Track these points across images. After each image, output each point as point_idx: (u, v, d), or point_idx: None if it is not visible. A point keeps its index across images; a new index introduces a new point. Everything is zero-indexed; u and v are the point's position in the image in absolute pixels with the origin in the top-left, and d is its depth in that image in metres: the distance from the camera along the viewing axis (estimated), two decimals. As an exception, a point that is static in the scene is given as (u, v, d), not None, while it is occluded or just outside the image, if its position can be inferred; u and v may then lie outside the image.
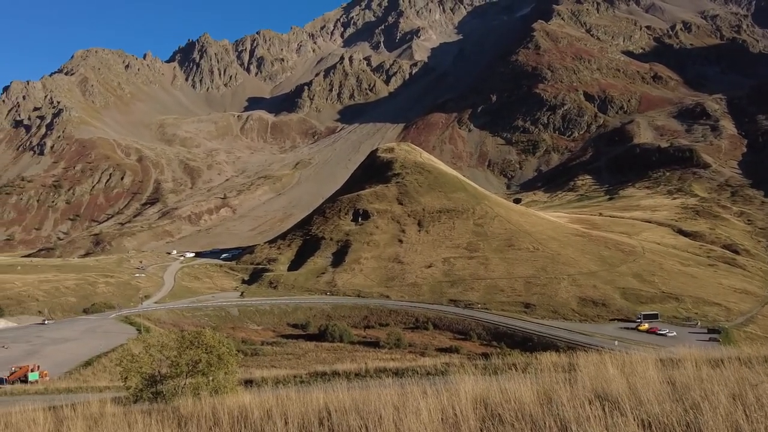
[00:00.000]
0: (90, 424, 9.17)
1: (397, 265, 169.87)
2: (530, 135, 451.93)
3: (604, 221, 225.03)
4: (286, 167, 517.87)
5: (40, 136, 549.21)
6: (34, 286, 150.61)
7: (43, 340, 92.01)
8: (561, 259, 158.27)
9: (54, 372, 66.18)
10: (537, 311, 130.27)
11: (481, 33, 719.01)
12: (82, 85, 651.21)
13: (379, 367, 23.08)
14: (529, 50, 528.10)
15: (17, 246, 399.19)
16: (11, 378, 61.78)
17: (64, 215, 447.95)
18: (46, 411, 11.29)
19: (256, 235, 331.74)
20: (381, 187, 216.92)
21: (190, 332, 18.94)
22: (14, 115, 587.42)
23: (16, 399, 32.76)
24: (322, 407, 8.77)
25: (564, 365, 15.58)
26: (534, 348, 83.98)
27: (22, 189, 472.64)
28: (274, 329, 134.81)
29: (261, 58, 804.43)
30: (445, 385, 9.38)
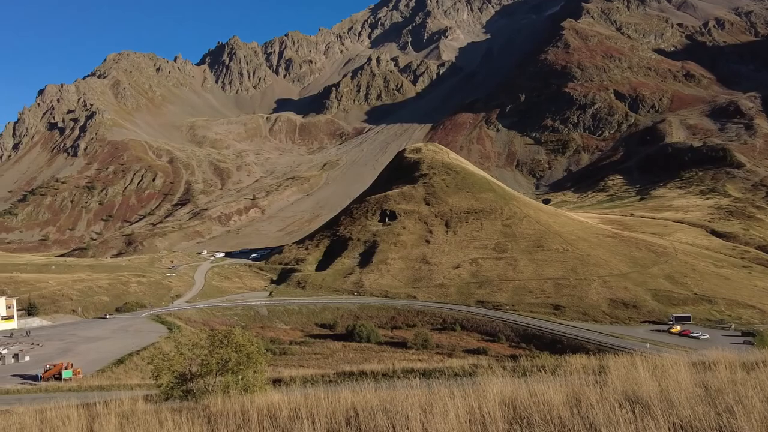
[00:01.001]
0: (122, 421, 9.34)
1: (424, 266, 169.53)
2: (560, 134, 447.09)
3: (636, 222, 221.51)
4: (314, 168, 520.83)
5: (74, 138, 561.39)
6: (68, 286, 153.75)
7: (77, 339, 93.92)
8: (591, 260, 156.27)
9: (87, 370, 67.51)
10: (566, 313, 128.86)
11: (509, 32, 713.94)
12: (114, 87, 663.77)
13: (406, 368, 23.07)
14: (558, 49, 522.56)
15: (51, 246, 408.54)
16: (46, 375, 63.24)
17: (97, 216, 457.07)
18: (79, 408, 11.53)
19: (285, 235, 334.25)
20: (408, 188, 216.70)
21: (220, 331, 19.18)
22: (49, 118, 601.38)
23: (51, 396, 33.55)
24: (349, 407, 8.80)
25: (594, 368, 15.40)
26: (563, 350, 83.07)
27: (56, 190, 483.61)
28: (302, 329, 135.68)
29: (289, 59, 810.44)
30: (473, 387, 9.35)
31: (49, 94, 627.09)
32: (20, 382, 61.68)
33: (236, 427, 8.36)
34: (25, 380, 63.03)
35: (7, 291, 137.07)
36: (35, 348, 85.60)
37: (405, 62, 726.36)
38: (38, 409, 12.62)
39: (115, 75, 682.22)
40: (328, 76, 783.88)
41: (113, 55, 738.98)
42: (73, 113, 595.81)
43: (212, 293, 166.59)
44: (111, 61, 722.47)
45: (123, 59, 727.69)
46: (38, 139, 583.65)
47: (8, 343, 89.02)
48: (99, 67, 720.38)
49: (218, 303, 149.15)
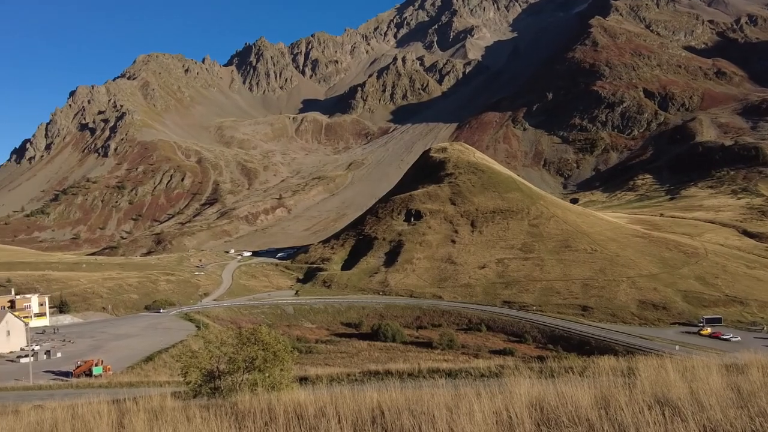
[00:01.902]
0: (151, 418, 9.48)
1: (449, 266, 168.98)
2: (588, 133, 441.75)
3: (665, 222, 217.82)
4: (340, 168, 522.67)
5: (104, 138, 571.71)
6: (99, 284, 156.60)
7: (107, 336, 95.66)
8: (620, 261, 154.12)
9: (117, 367, 68.71)
10: (594, 314, 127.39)
11: (536, 30, 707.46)
12: (143, 89, 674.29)
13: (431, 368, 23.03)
14: (586, 47, 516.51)
15: (82, 245, 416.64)
16: (77, 372, 64.54)
17: (127, 215, 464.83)
18: (109, 404, 11.72)
19: (311, 234, 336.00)
20: (434, 187, 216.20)
21: (247, 329, 19.36)
22: (80, 119, 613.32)
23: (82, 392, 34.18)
24: (375, 406, 8.81)
25: (623, 369, 15.21)
26: (591, 352, 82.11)
27: (87, 190, 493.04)
28: (328, 328, 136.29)
29: (315, 60, 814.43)
30: (500, 388, 9.29)
31: (80, 96, 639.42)
32: (52, 378, 63.02)
33: (263, 424, 8.42)
34: (57, 376, 64.39)
35: (39, 289, 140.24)
36: (67, 345, 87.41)
37: (431, 61, 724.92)
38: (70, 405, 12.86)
39: (145, 76, 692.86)
40: (353, 76, 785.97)
41: (142, 57, 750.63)
42: (103, 114, 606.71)
43: (240, 292, 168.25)
44: (140, 63, 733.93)
45: (152, 61, 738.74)
46: (70, 139, 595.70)
47: (41, 339, 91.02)
48: (128, 69, 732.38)
49: (245, 301, 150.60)
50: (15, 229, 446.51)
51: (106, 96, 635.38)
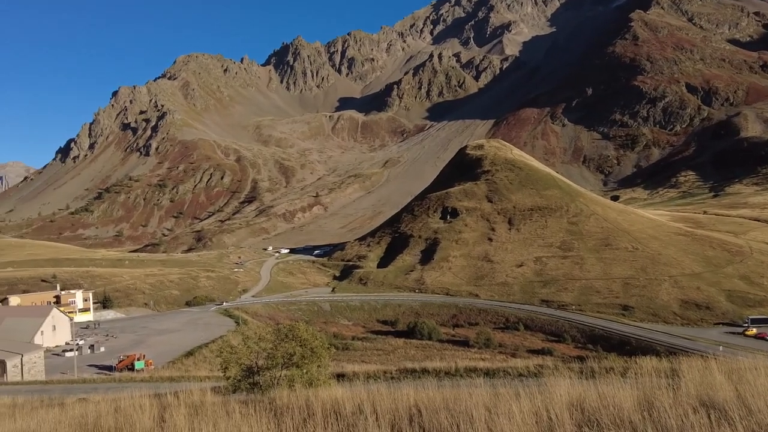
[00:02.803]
0: (191, 412, 9.61)
1: (486, 264, 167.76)
2: (628, 129, 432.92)
3: (709, 219, 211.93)
4: (376, 165, 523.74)
5: (146, 138, 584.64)
6: (141, 280, 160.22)
7: (149, 331, 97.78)
8: (662, 260, 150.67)
9: (158, 361, 70.19)
10: (635, 314, 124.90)
11: (574, 25, 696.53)
12: (183, 89, 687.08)
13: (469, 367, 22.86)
14: (626, 41, 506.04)
15: (125, 242, 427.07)
16: (119, 366, 66.18)
17: (168, 213, 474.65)
18: (151, 398, 11.94)
19: (347, 232, 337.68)
20: (470, 185, 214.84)
21: (285, 326, 19.54)
22: (122, 119, 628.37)
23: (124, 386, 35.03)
24: (412, 404, 8.77)
25: (665, 370, 14.84)
26: (632, 352, 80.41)
27: (129, 188, 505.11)
28: (364, 325, 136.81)
29: (352, 58, 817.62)
30: (539, 388, 9.14)
31: (122, 96, 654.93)
32: (96, 371, 64.78)
33: (301, 420, 8.46)
34: (101, 370, 66.15)
35: (83, 285, 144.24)
36: (110, 339, 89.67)
37: (467, 58, 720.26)
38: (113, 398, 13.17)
39: (185, 76, 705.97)
40: (389, 73, 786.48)
41: (183, 57, 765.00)
42: (145, 114, 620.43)
43: (277, 288, 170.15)
44: (181, 63, 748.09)
45: (192, 61, 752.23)
46: (112, 139, 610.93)
47: (85, 334, 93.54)
48: (169, 69, 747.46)
49: (283, 298, 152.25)
50: (60, 227, 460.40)
51: (148, 96, 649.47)
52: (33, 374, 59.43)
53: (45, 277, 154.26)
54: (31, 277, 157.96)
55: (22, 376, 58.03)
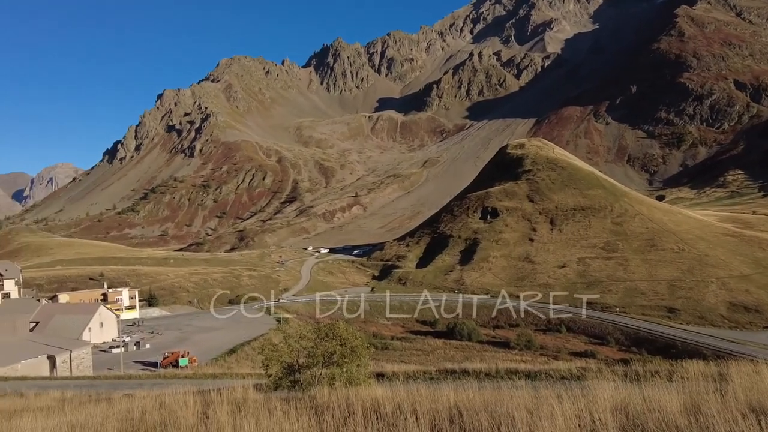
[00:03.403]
0: (234, 409, 9.76)
1: (527, 265, 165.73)
2: (674, 127, 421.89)
3: (759, 220, 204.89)
4: (415, 166, 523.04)
5: (190, 139, 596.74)
6: (185, 278, 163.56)
7: (193, 328, 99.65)
8: (709, 261, 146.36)
9: (202, 358, 71.42)
10: (681, 316, 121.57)
11: (618, 21, 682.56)
12: (226, 91, 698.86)
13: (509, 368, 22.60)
14: (671, 37, 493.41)
15: (170, 241, 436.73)
16: (164, 363, 67.59)
17: (212, 213, 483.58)
18: (195, 394, 12.17)
19: (386, 232, 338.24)
20: (511, 184, 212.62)
21: (325, 324, 19.67)
22: (167, 121, 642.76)
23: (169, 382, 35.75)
24: (452, 405, 8.72)
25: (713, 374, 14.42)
26: (678, 355, 78.24)
27: (174, 189, 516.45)
28: (403, 325, 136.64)
29: (391, 59, 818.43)
30: (582, 391, 8.99)
31: (167, 99, 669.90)
32: (141, 368, 66.30)
33: (342, 419, 8.50)
34: (146, 366, 67.69)
35: (130, 283, 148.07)
36: (155, 336, 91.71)
37: (508, 56, 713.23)
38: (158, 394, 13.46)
39: (228, 79, 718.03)
40: (429, 73, 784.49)
41: (225, 60, 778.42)
42: (189, 116, 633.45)
43: (317, 287, 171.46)
44: (223, 66, 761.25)
45: (235, 64, 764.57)
46: (158, 140, 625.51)
47: (131, 331, 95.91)
48: (212, 72, 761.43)
49: (323, 297, 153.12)
50: (107, 226, 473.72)
51: (192, 98, 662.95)
52: (81, 369, 61.25)
53: (93, 276, 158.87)
54: (79, 275, 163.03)
55: (70, 371, 59.88)
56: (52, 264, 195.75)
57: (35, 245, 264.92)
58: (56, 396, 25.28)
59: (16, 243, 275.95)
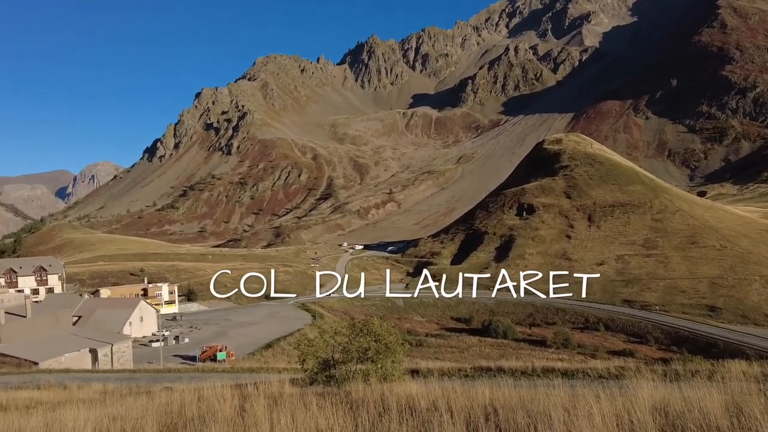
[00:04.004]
0: (270, 403, 9.88)
1: (564, 262, 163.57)
2: (716, 121, 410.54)
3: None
4: (450, 162, 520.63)
5: (228, 137, 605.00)
6: (223, 274, 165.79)
7: (230, 323, 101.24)
8: (752, 259, 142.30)
9: (239, 352, 72.52)
10: (723, 315, 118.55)
11: (657, 13, 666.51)
12: (263, 89, 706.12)
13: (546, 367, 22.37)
14: (713, 29, 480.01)
15: (208, 237, 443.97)
16: (203, 357, 68.85)
17: (249, 209, 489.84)
18: (232, 388, 12.38)
19: (420, 229, 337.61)
20: (547, 180, 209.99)
21: (359, 321, 19.77)
22: (205, 119, 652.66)
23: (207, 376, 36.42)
24: (487, 403, 8.68)
25: (756, 375, 14.08)
26: (719, 355, 76.29)
27: (212, 186, 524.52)
28: (438, 322, 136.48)
29: (426, 54, 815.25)
30: (620, 390, 8.86)
31: (205, 97, 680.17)
32: (180, 361, 67.67)
33: (377, 414, 8.53)
34: (185, 360, 69.05)
35: (169, 278, 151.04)
36: (193, 331, 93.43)
37: (545, 50, 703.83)
38: (196, 388, 13.72)
39: (264, 77, 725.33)
40: (464, 68, 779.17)
41: (262, 59, 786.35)
42: (226, 114, 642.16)
43: (352, 284, 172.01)
44: (260, 65, 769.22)
45: (271, 62, 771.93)
46: (196, 138, 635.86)
47: (170, 325, 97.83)
48: (249, 71, 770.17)
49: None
50: (147, 223, 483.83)
51: (229, 97, 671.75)
52: (122, 363, 62.83)
53: (133, 271, 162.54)
54: (120, 270, 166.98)
55: (111, 364, 61.47)
56: (94, 259, 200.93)
57: (78, 241, 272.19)
58: (98, 388, 26.01)
59: (59, 239, 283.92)
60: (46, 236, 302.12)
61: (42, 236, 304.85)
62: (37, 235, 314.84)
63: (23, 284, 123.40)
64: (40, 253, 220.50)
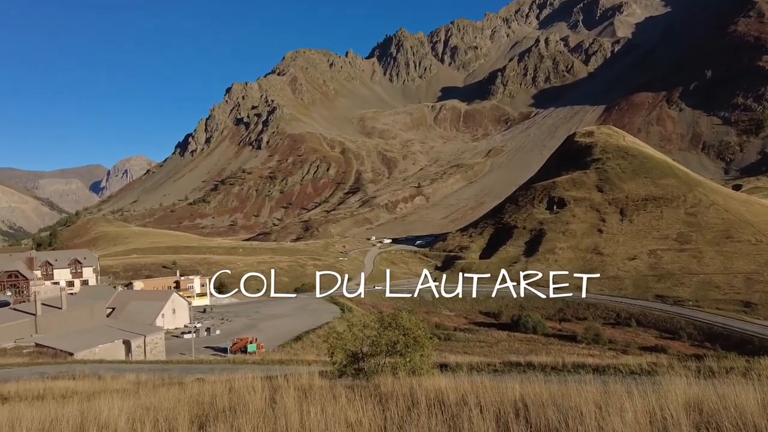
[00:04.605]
0: (300, 395, 9.96)
1: (595, 257, 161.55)
2: (752, 113, 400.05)
3: None
4: (478, 155, 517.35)
5: (258, 132, 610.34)
6: (253, 267, 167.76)
7: (261, 316, 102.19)
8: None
9: (269, 344, 73.20)
10: (759, 311, 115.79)
11: (691, 3, 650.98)
12: (292, 84, 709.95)
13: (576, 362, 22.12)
14: (750, 19, 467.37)
15: (239, 231, 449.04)
16: (233, 348, 69.70)
17: (278, 203, 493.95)
18: (263, 380, 12.49)
19: (448, 223, 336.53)
20: (579, 174, 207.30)
21: (388, 314, 19.79)
22: (235, 114, 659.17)
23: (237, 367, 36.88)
24: (517, 398, 8.61)
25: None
26: (755, 352, 74.43)
27: (243, 180, 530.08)
28: (466, 316, 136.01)
29: (455, 47, 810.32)
30: (653, 387, 8.72)
31: (235, 92, 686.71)
32: (212, 353, 68.64)
33: (406, 408, 8.53)
34: (216, 352, 70.00)
35: (201, 271, 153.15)
36: (224, 323, 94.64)
37: (576, 42, 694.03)
38: (227, 379, 13.90)
39: (293, 72, 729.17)
40: (493, 61, 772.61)
41: (291, 54, 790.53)
42: (256, 109, 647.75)
43: (380, 277, 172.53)
44: (289, 59, 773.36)
45: (300, 57, 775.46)
46: (227, 133, 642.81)
47: (202, 317, 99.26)
48: (278, 65, 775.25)
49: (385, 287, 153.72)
50: (180, 216, 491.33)
51: (259, 92, 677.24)
52: (155, 354, 64.00)
53: (166, 264, 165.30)
54: (153, 263, 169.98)
55: (144, 355, 62.67)
56: (128, 252, 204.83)
57: (112, 234, 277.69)
58: (131, 379, 26.52)
59: (93, 232, 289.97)
60: (81, 229, 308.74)
61: (77, 229, 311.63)
62: (72, 228, 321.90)
63: (59, 276, 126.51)
64: (75, 246, 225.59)
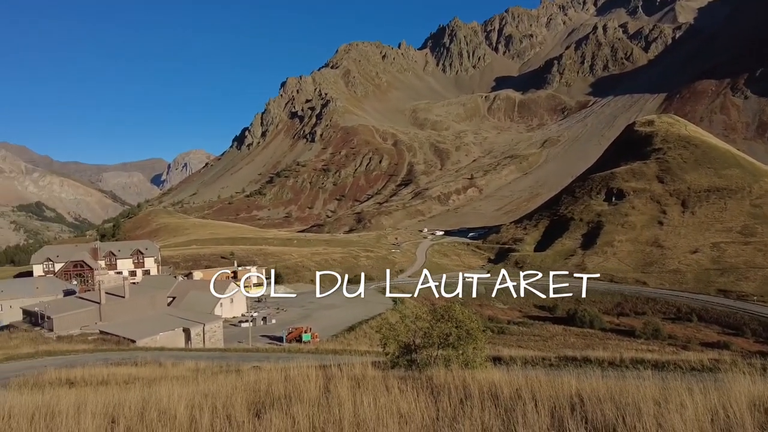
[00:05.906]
0: (353, 385, 10.06)
1: (656, 250, 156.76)
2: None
3: None
4: (533, 146, 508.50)
5: (311, 125, 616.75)
6: (308, 258, 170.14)
7: (315, 306, 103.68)
8: None
9: (323, 334, 74.36)
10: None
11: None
12: (345, 77, 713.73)
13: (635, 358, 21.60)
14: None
15: (294, 222, 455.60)
16: (289, 337, 71.16)
17: (331, 196, 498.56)
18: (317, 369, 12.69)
19: (502, 215, 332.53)
20: (638, 164, 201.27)
21: (440, 306, 19.72)
22: (290, 108, 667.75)
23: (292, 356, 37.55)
24: (573, 393, 8.48)
25: None
26: (828, 351, 71.13)
27: (297, 173, 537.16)
28: (520, 309, 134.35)
29: (509, 36, 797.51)
30: (715, 384, 8.44)
31: (289, 86, 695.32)
32: (268, 341, 70.15)
33: (458, 401, 8.52)
34: (272, 340, 71.51)
35: (257, 261, 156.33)
36: (280, 313, 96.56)
37: (635, 28, 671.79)
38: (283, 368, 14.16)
39: (346, 65, 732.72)
40: (549, 49, 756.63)
41: (344, 46, 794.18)
42: (310, 102, 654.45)
43: (432, 269, 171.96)
44: (342, 52, 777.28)
45: (353, 49, 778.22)
46: (281, 127, 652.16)
47: (258, 307, 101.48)
48: (332, 59, 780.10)
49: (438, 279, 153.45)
50: (237, 208, 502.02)
51: (312, 85, 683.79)
52: (213, 342, 65.83)
53: (224, 254, 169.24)
54: (212, 254, 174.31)
55: (203, 343, 64.54)
56: (188, 243, 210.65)
57: (172, 226, 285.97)
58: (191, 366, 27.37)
59: (155, 224, 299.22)
60: (143, 221, 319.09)
61: (139, 221, 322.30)
62: (134, 220, 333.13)
63: (122, 266, 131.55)
64: (137, 237, 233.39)
